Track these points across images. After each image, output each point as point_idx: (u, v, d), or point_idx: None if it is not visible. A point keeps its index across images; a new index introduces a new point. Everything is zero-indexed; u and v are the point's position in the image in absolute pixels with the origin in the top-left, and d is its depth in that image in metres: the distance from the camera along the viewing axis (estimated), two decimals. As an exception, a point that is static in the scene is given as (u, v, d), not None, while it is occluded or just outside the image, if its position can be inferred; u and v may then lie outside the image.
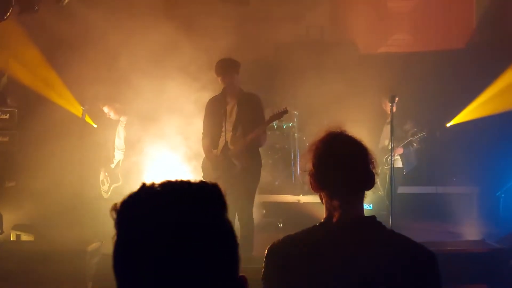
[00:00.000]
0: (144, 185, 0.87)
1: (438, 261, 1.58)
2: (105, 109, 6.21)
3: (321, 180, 1.66)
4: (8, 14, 5.33)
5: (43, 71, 7.03)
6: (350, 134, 1.69)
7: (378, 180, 1.76)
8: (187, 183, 0.87)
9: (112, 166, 6.31)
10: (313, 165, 1.67)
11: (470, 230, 6.03)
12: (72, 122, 6.73)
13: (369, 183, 1.66)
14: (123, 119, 6.27)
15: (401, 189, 6.33)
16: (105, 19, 6.15)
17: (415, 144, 6.37)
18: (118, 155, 6.32)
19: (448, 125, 7.46)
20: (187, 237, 0.81)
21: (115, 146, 6.34)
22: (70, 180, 6.44)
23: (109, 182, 6.25)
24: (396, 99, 5.74)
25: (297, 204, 7.26)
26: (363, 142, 1.68)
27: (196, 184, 0.87)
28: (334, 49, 8.09)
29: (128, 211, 0.86)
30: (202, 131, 5.08)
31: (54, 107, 6.96)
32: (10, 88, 7.09)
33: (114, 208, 0.87)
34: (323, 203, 1.70)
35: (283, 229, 6.81)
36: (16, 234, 5.62)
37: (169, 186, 0.86)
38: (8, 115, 6.86)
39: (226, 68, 4.84)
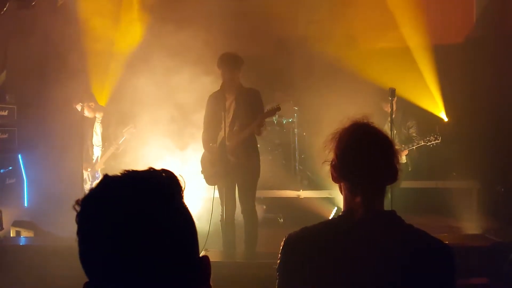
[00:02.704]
0: (102, 181, 0.91)
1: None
2: (78, 107, 6.18)
3: (343, 170, 1.62)
4: (5, 9, 5.30)
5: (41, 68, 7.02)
6: (375, 125, 1.65)
7: None
8: (136, 174, 0.91)
9: (93, 163, 6.30)
10: (336, 155, 1.63)
11: (470, 225, 6.04)
12: (72, 118, 6.71)
13: (393, 177, 1.62)
14: (98, 115, 6.27)
15: (401, 184, 6.32)
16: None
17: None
18: (97, 152, 6.31)
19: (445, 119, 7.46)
20: (142, 227, 0.85)
21: (93, 143, 6.33)
22: (70, 176, 6.43)
23: (90, 179, 6.26)
24: (395, 98, 5.74)
25: (297, 199, 7.25)
26: (388, 135, 1.65)
27: (145, 173, 0.92)
28: (334, 45, 8.07)
29: (88, 207, 0.89)
30: (203, 127, 5.10)
31: (54, 103, 6.94)
32: (9, 84, 7.07)
33: (77, 202, 0.91)
34: (342, 194, 1.67)
35: (283, 225, 6.81)
36: (16, 230, 5.62)
37: (122, 180, 0.90)
38: (7, 111, 6.84)
39: (229, 63, 4.81)
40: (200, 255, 0.97)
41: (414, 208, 6.64)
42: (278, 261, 1.63)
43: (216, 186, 5.03)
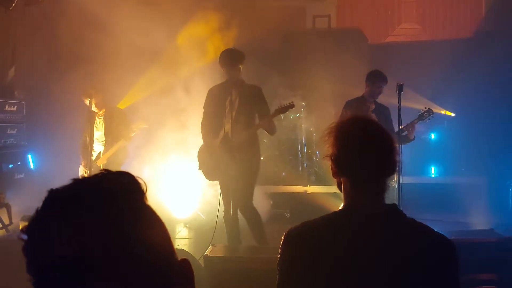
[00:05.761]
0: (48, 197, 0.79)
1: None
2: (87, 102, 6.15)
3: (344, 164, 1.60)
4: (14, 4, 5.32)
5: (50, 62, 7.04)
6: (373, 119, 1.65)
7: None
8: (87, 182, 0.81)
9: (93, 158, 6.26)
10: (337, 150, 1.60)
11: (479, 220, 6.01)
12: (80, 113, 6.75)
13: (393, 170, 1.61)
14: (104, 111, 6.24)
15: (409, 179, 6.29)
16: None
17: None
18: (98, 147, 6.29)
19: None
20: (100, 245, 0.75)
21: (94, 139, 6.28)
22: (79, 171, 6.46)
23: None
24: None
25: (304, 194, 7.25)
26: (386, 129, 1.63)
27: (97, 179, 0.81)
28: (341, 39, 8.04)
29: (36, 232, 0.78)
30: (202, 121, 5.01)
31: (62, 99, 6.97)
32: (18, 80, 7.12)
33: (22, 230, 0.79)
34: (341, 190, 1.65)
35: (290, 220, 6.81)
36: (25, 225, 5.66)
37: (71, 192, 0.79)
38: (15, 107, 6.89)
39: (231, 59, 4.78)
40: (207, 250, 0.93)
41: (423, 203, 6.63)
42: (279, 256, 1.62)
43: (217, 182, 5.02)
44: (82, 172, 6.14)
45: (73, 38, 6.59)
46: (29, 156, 7.13)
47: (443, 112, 7.43)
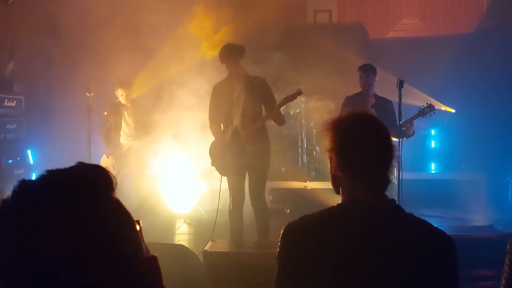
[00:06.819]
0: (17, 188, 0.79)
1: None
2: (118, 93, 6.15)
3: (343, 161, 1.61)
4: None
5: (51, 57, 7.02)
6: (372, 114, 1.66)
7: None
8: (57, 174, 0.82)
9: (121, 152, 6.25)
10: (335, 145, 1.61)
11: (479, 216, 6.02)
12: (79, 108, 6.74)
13: (389, 165, 1.61)
14: (132, 105, 6.24)
15: (409, 175, 6.28)
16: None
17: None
18: (127, 142, 6.27)
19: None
20: (65, 235, 0.75)
21: (121, 132, 6.29)
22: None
23: (116, 169, 6.20)
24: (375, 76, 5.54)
25: (304, 190, 7.25)
26: (384, 123, 1.63)
27: (68, 171, 0.82)
28: (342, 34, 8.02)
29: (3, 223, 0.77)
30: (209, 118, 5.02)
31: (62, 93, 6.96)
32: (17, 75, 7.09)
33: None
34: (336, 188, 1.66)
35: (290, 215, 6.81)
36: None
37: (41, 183, 0.80)
38: (14, 102, 6.86)
39: (230, 54, 4.78)
40: (207, 246, 0.92)
41: (422, 199, 6.63)
42: (278, 250, 1.63)
43: (224, 176, 5.01)
44: (105, 161, 6.14)
45: (73, 32, 6.56)
46: (29, 152, 7.11)
47: (443, 108, 7.42)
